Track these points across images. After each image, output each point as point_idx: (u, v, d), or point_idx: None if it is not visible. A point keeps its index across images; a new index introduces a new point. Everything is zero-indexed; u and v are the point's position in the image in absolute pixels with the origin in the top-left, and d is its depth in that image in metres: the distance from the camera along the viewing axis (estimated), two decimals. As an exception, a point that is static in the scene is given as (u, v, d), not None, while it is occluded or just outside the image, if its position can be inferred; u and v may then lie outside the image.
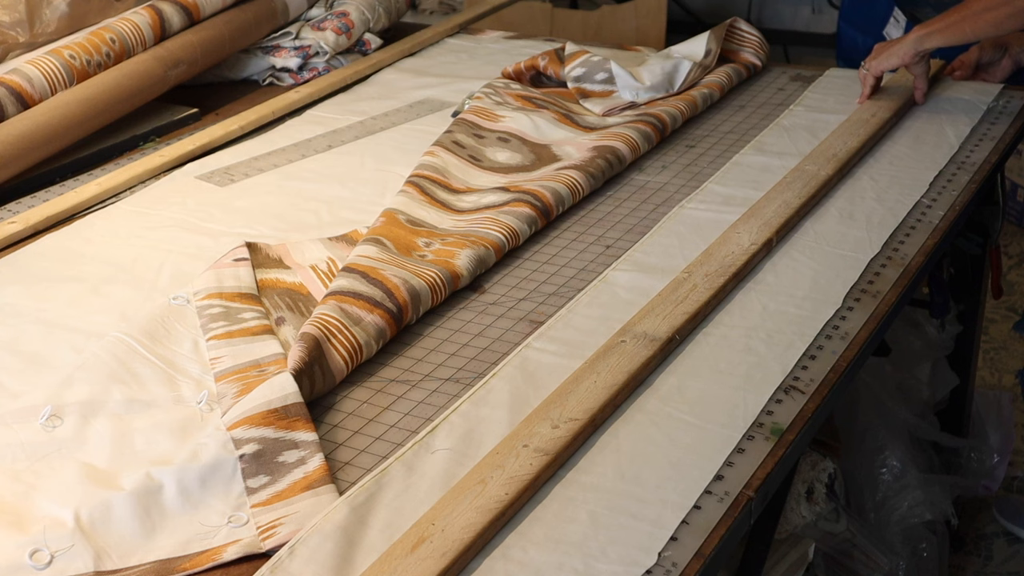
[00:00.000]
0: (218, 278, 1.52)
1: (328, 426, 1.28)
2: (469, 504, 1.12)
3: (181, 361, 1.39)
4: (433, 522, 1.10)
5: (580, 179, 1.81)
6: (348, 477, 1.20)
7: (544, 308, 1.52)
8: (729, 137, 2.06)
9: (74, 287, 1.58)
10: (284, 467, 1.19)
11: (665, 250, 1.64)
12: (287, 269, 1.58)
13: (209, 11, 2.31)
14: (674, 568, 1.07)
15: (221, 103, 2.27)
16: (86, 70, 2.08)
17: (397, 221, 1.66)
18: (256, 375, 1.33)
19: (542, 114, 2.06)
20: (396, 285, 1.46)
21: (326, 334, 1.36)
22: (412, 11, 3.20)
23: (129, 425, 1.28)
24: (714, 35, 2.30)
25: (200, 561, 1.10)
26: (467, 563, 1.08)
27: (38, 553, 1.09)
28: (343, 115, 2.20)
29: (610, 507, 1.14)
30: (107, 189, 1.87)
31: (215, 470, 1.18)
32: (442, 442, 1.24)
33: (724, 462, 1.20)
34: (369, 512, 1.14)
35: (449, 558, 1.06)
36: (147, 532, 1.13)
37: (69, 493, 1.17)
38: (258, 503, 1.16)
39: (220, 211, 1.80)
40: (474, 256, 1.58)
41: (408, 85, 2.36)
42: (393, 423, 1.29)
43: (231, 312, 1.45)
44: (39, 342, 1.45)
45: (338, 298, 1.43)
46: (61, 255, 1.69)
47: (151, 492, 1.16)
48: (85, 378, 1.34)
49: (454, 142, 1.95)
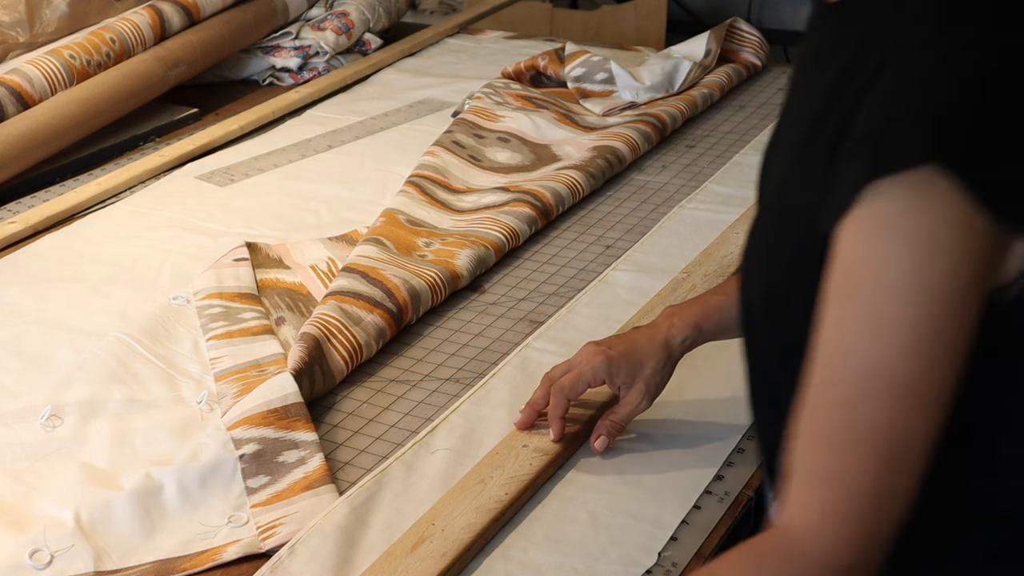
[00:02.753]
0: (218, 278, 1.52)
1: (328, 426, 1.28)
2: (469, 504, 1.12)
3: (181, 361, 1.39)
4: (433, 522, 1.10)
5: (580, 179, 1.81)
6: (348, 477, 1.20)
7: (544, 308, 1.52)
8: (729, 137, 2.06)
9: (74, 287, 1.58)
10: (284, 467, 1.19)
11: (665, 250, 1.64)
12: (287, 269, 1.58)
13: (209, 11, 2.31)
14: (674, 568, 1.07)
15: (221, 103, 2.27)
16: (86, 70, 2.08)
17: (397, 221, 1.66)
18: (256, 375, 1.33)
19: (542, 114, 2.06)
20: (396, 285, 1.46)
21: (326, 334, 1.36)
22: (412, 11, 3.20)
23: (129, 425, 1.28)
24: (714, 35, 2.30)
25: (200, 561, 1.10)
26: (467, 563, 1.08)
27: (38, 553, 1.09)
28: (343, 115, 2.20)
29: (610, 507, 1.14)
30: (107, 189, 1.87)
31: (215, 470, 1.18)
32: (442, 442, 1.24)
33: (724, 462, 1.20)
34: (369, 512, 1.14)
35: (449, 558, 1.06)
36: (147, 532, 1.13)
37: (69, 493, 1.17)
38: (258, 503, 1.16)
39: (220, 211, 1.80)
40: (474, 256, 1.58)
41: (408, 85, 2.36)
42: (393, 423, 1.29)
43: (231, 312, 1.45)
44: (39, 342, 1.45)
45: (338, 298, 1.43)
46: (61, 255, 1.68)
47: (151, 492, 1.16)
48: (85, 378, 1.34)
49: (454, 142, 1.95)
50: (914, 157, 0.71)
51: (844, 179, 0.74)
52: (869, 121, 0.74)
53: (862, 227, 0.73)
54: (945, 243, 0.71)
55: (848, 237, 0.74)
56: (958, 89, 0.71)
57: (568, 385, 1.19)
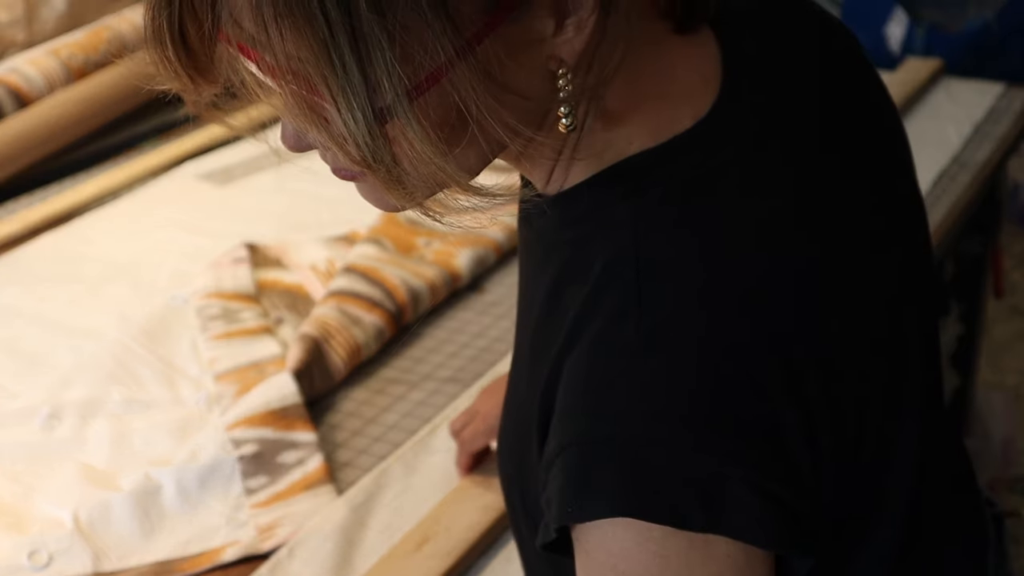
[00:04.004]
0: (217, 278, 1.52)
1: (328, 426, 1.28)
2: (473, 503, 1.12)
3: (180, 361, 1.38)
4: (438, 521, 1.10)
5: (580, 178, 1.81)
6: (348, 477, 1.20)
7: (544, 308, 1.51)
8: (730, 136, 2.05)
9: (73, 287, 1.58)
10: (283, 468, 1.19)
11: (666, 250, 1.63)
12: (286, 269, 1.58)
13: (208, 10, 2.30)
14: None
15: (221, 102, 2.26)
16: (84, 69, 2.07)
17: (397, 221, 1.65)
18: (255, 375, 1.32)
19: (542, 113, 2.05)
20: (396, 285, 1.46)
21: (325, 334, 1.35)
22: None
23: (128, 425, 1.27)
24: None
25: (199, 562, 1.10)
26: (472, 562, 1.08)
27: (36, 554, 1.09)
28: (343, 114, 2.19)
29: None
30: (107, 189, 1.86)
31: (214, 471, 1.18)
32: (442, 442, 1.24)
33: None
34: (368, 512, 1.14)
35: (454, 557, 1.06)
36: (146, 533, 1.12)
37: (68, 494, 1.16)
38: (257, 504, 1.15)
39: (219, 211, 1.80)
40: (474, 256, 1.58)
41: (408, 84, 2.35)
42: (393, 423, 1.29)
43: (230, 312, 1.45)
44: (38, 342, 1.45)
45: (337, 298, 1.43)
46: (60, 255, 1.68)
47: (150, 493, 1.15)
48: (84, 378, 1.33)
49: (454, 141, 1.94)
50: (601, 509, 0.63)
51: (552, 499, 0.66)
52: (559, 433, 0.66)
53: (581, 555, 0.66)
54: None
55: None
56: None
57: (468, 439, 1.16)
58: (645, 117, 0.68)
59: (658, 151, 0.67)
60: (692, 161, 0.67)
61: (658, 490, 0.62)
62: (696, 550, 0.62)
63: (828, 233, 0.69)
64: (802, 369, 0.64)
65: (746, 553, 0.63)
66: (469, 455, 1.16)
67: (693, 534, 0.62)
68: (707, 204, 0.66)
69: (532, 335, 0.75)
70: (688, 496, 0.62)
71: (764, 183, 0.68)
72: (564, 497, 0.65)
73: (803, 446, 0.64)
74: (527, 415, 0.73)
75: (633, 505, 0.62)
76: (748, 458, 0.62)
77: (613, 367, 0.64)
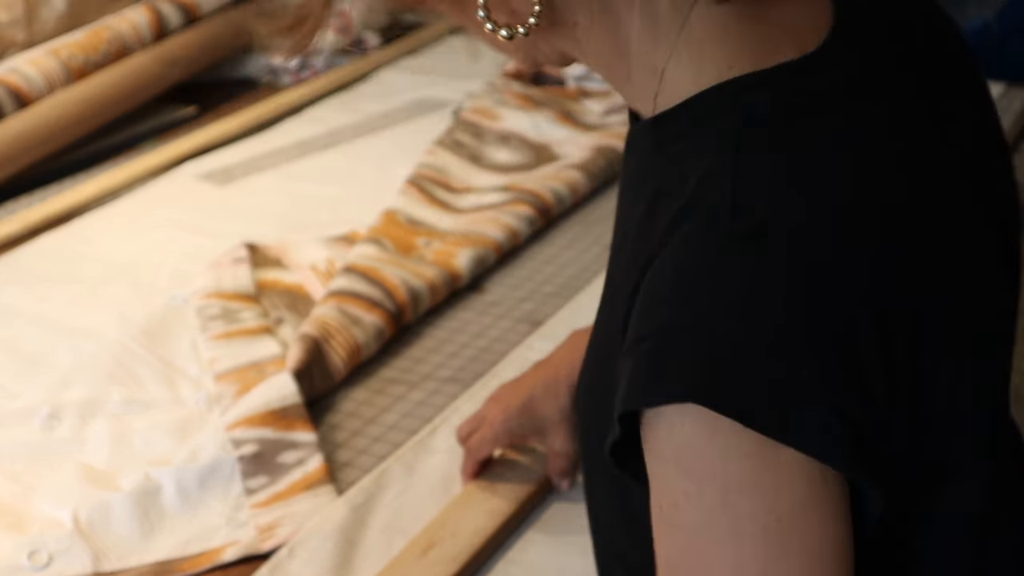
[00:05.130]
0: (217, 278, 1.52)
1: (328, 426, 1.28)
2: (479, 508, 1.12)
3: (180, 361, 1.38)
4: (444, 526, 1.10)
5: (580, 179, 1.81)
6: (348, 477, 1.20)
7: (544, 308, 1.51)
8: (730, 136, 2.05)
9: (73, 287, 1.58)
10: (283, 468, 1.19)
11: (666, 250, 1.63)
12: (286, 269, 1.58)
13: (207, 10, 2.30)
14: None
15: (220, 102, 2.26)
16: (84, 69, 2.07)
17: (397, 221, 1.66)
18: (255, 375, 1.32)
19: (542, 113, 2.05)
20: (396, 285, 1.46)
21: (325, 334, 1.35)
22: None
23: (128, 425, 1.27)
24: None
25: (199, 562, 1.10)
26: (478, 567, 1.08)
27: (36, 554, 1.09)
28: (343, 115, 2.19)
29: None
30: (106, 189, 1.86)
31: (214, 471, 1.18)
32: (442, 442, 1.24)
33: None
34: (369, 513, 1.14)
35: (460, 562, 1.06)
36: (146, 533, 1.12)
37: (68, 494, 1.16)
38: (257, 504, 1.15)
39: (220, 211, 1.80)
40: (474, 256, 1.58)
41: (408, 84, 2.35)
42: (393, 423, 1.29)
43: (230, 312, 1.45)
44: (38, 342, 1.45)
45: (337, 298, 1.43)
46: (60, 255, 1.68)
47: (150, 493, 1.15)
48: (83, 378, 1.33)
49: (454, 141, 1.95)
50: (674, 392, 0.62)
51: (621, 386, 0.65)
52: (638, 326, 0.65)
53: (649, 455, 0.65)
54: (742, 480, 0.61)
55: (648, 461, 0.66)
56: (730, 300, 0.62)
57: (475, 447, 1.15)
58: (748, 43, 0.69)
59: (761, 74, 0.68)
60: (795, 86, 0.68)
61: (733, 385, 0.61)
62: (764, 456, 0.61)
63: (925, 182, 0.69)
64: (888, 298, 0.64)
65: (815, 470, 0.62)
66: (475, 462, 1.16)
67: (763, 437, 0.60)
68: (809, 128, 0.67)
69: (625, 259, 0.74)
70: (762, 397, 0.61)
71: (866, 123, 0.69)
72: (635, 383, 0.63)
73: (882, 377, 0.63)
74: (614, 331, 0.70)
75: (706, 393, 0.61)
76: (825, 375, 0.62)
77: (703, 264, 0.64)
